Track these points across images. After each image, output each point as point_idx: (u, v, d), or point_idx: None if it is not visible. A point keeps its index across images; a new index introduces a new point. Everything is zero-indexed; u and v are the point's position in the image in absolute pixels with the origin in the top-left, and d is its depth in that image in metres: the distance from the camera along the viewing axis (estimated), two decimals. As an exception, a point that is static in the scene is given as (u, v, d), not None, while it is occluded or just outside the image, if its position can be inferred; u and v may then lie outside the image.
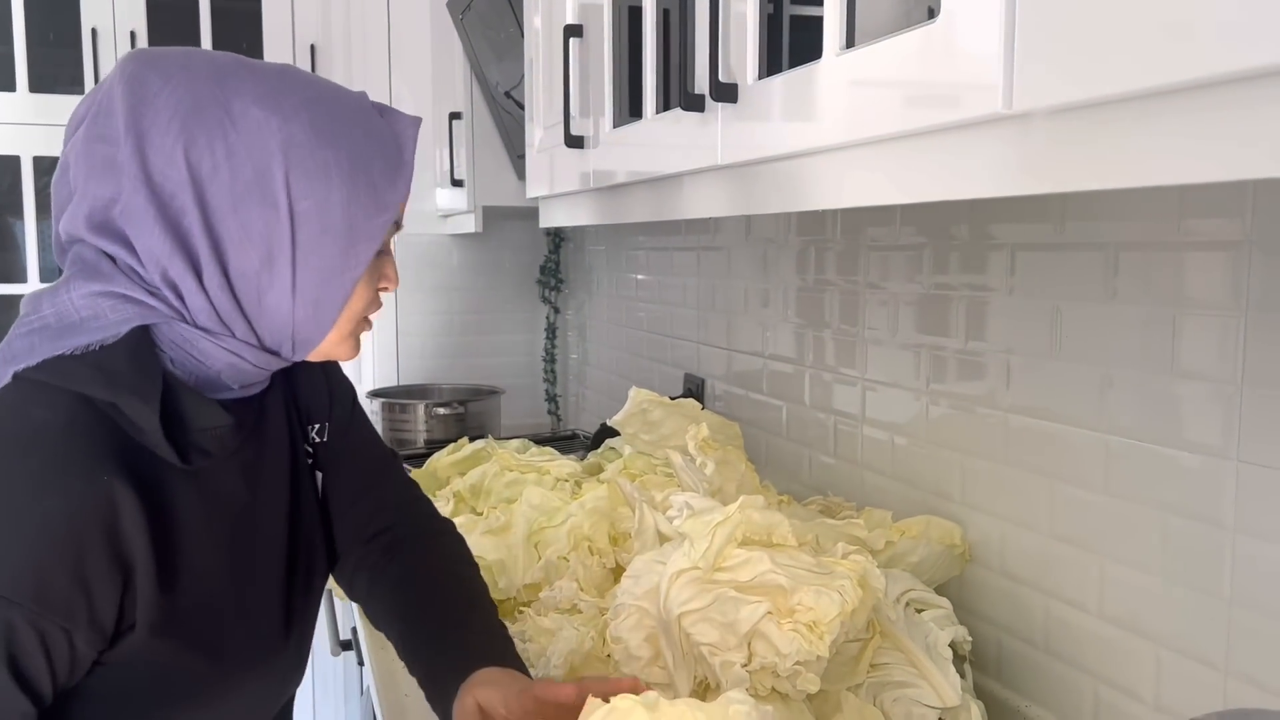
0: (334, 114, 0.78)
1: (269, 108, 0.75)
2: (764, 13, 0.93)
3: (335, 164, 0.76)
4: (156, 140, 0.73)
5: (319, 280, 0.78)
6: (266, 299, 0.77)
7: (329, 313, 0.80)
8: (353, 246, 0.78)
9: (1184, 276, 0.91)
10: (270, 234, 0.75)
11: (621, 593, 0.99)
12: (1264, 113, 0.47)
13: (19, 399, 0.75)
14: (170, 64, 0.76)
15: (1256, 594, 0.86)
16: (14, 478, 0.71)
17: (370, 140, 0.78)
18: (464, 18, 2.27)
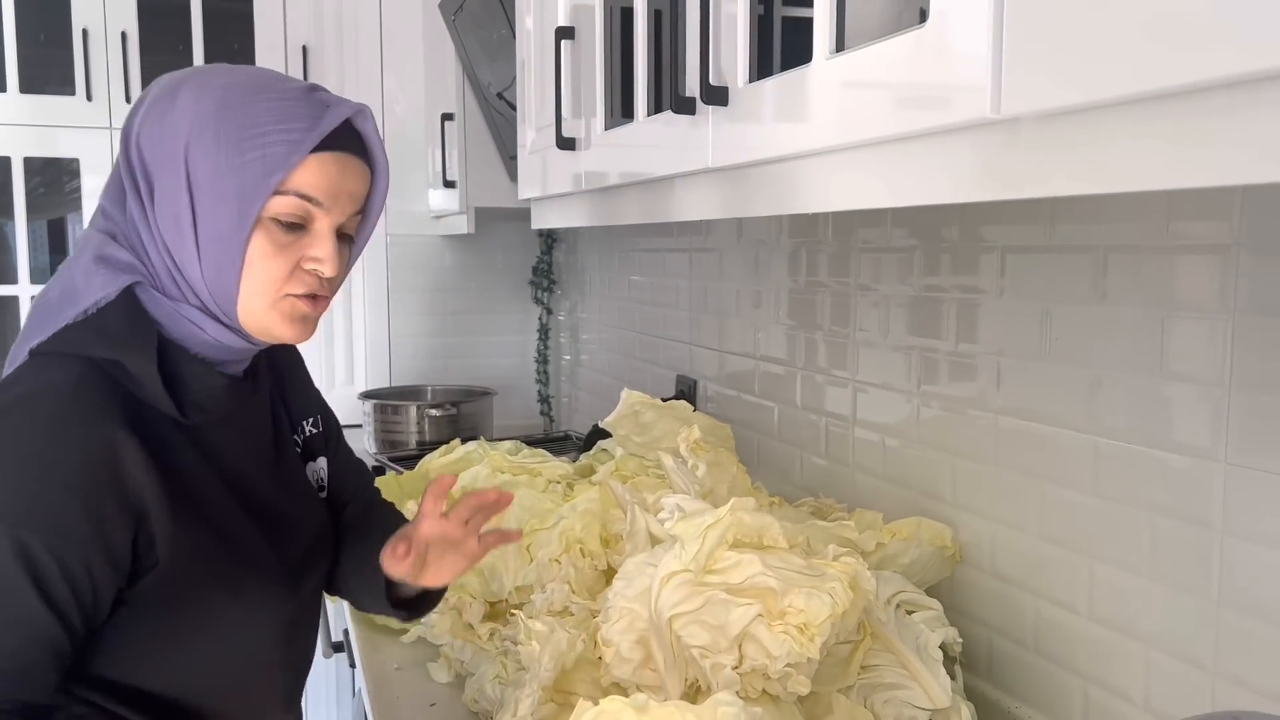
0: (245, 94, 0.84)
1: (195, 91, 0.84)
2: (754, 15, 0.93)
3: (227, 135, 0.82)
4: (134, 126, 0.86)
5: (216, 245, 0.84)
6: (184, 263, 0.85)
7: (230, 276, 0.84)
8: (242, 211, 0.83)
9: (1173, 279, 0.92)
10: (177, 201, 0.83)
11: (613, 595, 0.99)
12: (1252, 117, 0.47)
13: (34, 370, 0.83)
14: (176, 74, 0.88)
15: (1244, 595, 0.87)
16: (25, 430, 0.79)
17: (273, 116, 0.83)
18: (456, 19, 2.27)
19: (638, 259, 2.28)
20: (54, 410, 0.79)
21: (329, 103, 0.86)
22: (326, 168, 0.84)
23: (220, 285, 0.85)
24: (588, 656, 1.01)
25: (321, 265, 0.86)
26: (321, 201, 0.85)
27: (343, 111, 0.85)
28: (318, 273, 0.87)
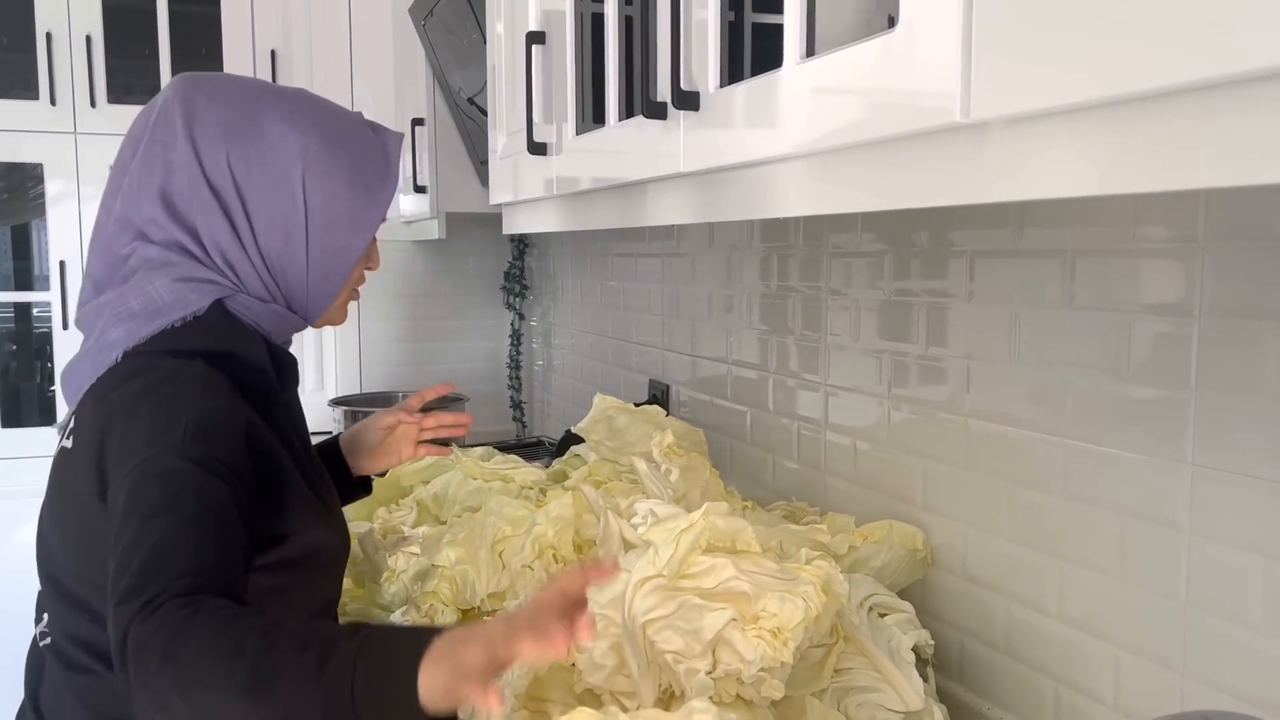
0: (340, 129, 1.01)
1: (289, 123, 0.98)
2: (725, 20, 0.94)
3: (340, 168, 0.99)
4: (206, 147, 0.96)
5: (326, 259, 1.01)
6: (289, 273, 1.01)
7: (335, 285, 1.04)
8: (354, 233, 1.01)
9: (1139, 282, 0.93)
10: (289, 222, 0.99)
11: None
12: (1211, 122, 0.47)
13: (141, 366, 0.94)
14: (212, 86, 1.00)
15: (1211, 596, 0.87)
16: (184, 389, 0.91)
17: (366, 151, 1.02)
18: (426, 23, 2.26)
19: (610, 264, 2.28)
20: (199, 378, 0.92)
21: (380, 132, 1.05)
22: (395, 191, 1.05)
23: (324, 290, 1.04)
24: (561, 663, 1.01)
25: (375, 265, 1.09)
26: (387, 217, 1.06)
27: (398, 146, 1.06)
28: (370, 270, 1.09)
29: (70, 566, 0.97)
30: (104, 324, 0.97)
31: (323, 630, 0.79)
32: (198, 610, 0.75)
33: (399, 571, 1.34)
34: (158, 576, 0.78)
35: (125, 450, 0.87)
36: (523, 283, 2.93)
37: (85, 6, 2.49)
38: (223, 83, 1.01)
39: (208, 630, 0.74)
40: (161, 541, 0.80)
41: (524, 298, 2.94)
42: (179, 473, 0.85)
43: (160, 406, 0.89)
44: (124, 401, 0.91)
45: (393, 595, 1.37)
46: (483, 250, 2.95)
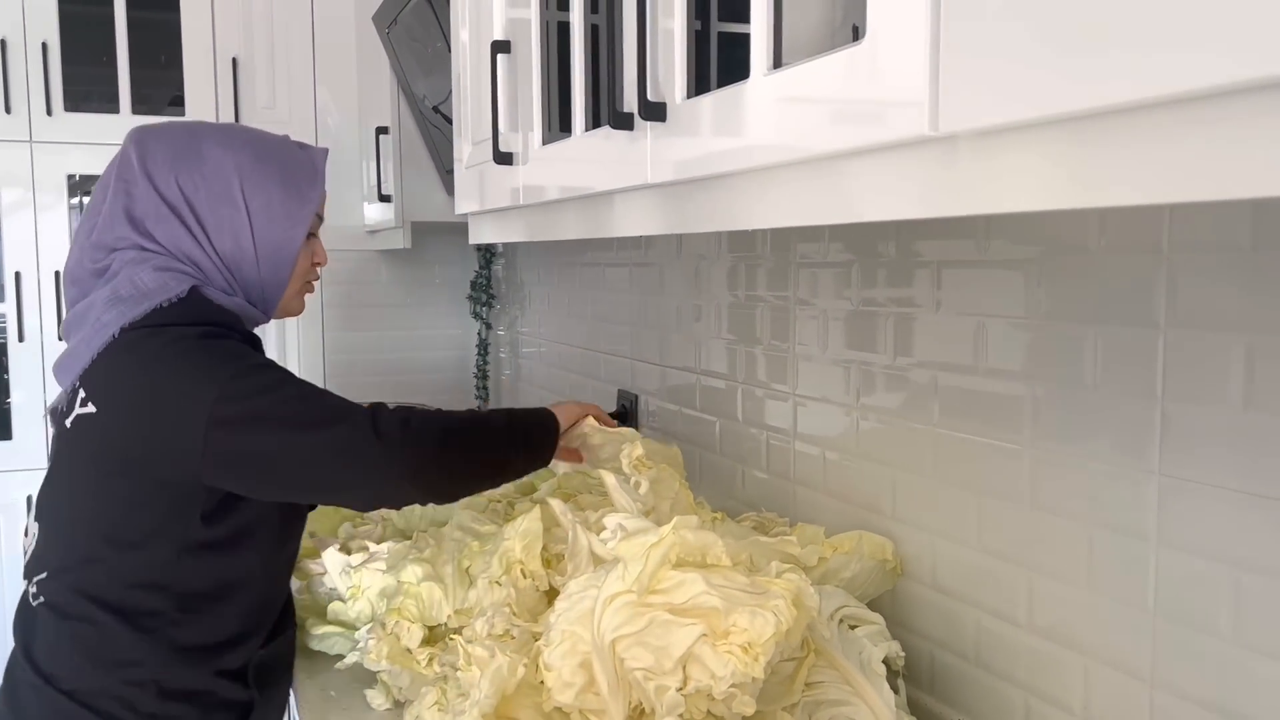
0: (267, 147, 1.21)
1: (224, 147, 1.18)
2: (692, 30, 0.93)
3: (271, 176, 1.19)
4: (158, 175, 1.15)
5: (271, 252, 1.19)
6: (243, 267, 1.18)
7: (283, 275, 1.22)
8: (291, 228, 1.20)
9: (1105, 293, 0.93)
10: (235, 224, 1.17)
11: (555, 618, 0.97)
12: (1183, 137, 0.47)
13: (151, 334, 1.10)
14: (159, 129, 1.20)
15: (1179, 606, 0.88)
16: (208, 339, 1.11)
17: (293, 162, 1.22)
18: (390, 32, 2.24)
19: (578, 273, 2.26)
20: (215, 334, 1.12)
21: (307, 148, 1.26)
22: (324, 194, 1.26)
23: (274, 281, 1.21)
24: (530, 681, 0.99)
25: (322, 259, 1.29)
26: (323, 217, 1.27)
27: (322, 155, 1.26)
28: (320, 265, 1.29)
29: (90, 523, 1.12)
30: (96, 313, 1.11)
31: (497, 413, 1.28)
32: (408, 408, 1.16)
33: (364, 589, 1.32)
34: (344, 407, 1.11)
35: (195, 383, 1.06)
36: (489, 292, 2.91)
37: (41, 13, 2.44)
38: (168, 125, 1.22)
39: (432, 420, 1.16)
40: (315, 394, 1.12)
41: (491, 307, 2.92)
42: (267, 368, 1.11)
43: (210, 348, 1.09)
44: (164, 351, 1.08)
45: (358, 613, 1.35)
46: (449, 259, 2.93)
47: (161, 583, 1.11)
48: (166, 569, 1.11)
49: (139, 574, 1.11)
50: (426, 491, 1.18)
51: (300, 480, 1.11)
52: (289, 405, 1.08)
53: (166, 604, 1.12)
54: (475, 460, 1.19)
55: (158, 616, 1.12)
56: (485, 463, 1.20)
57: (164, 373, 1.08)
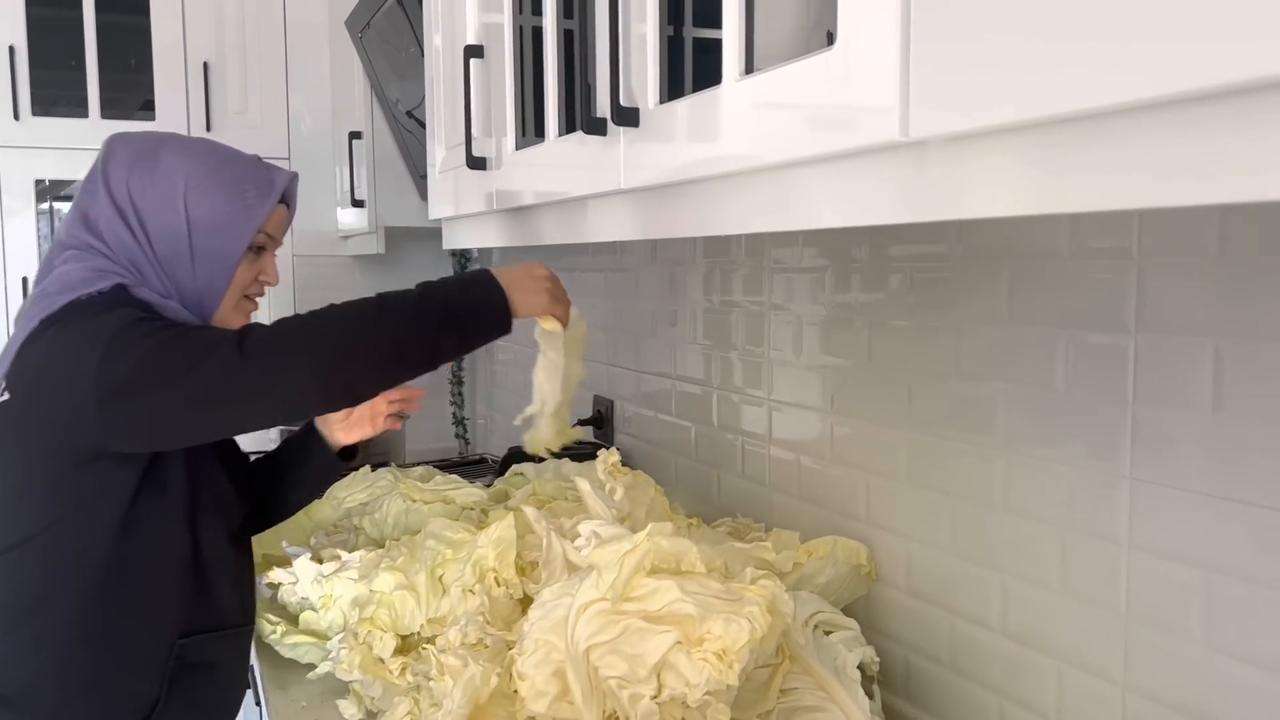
0: (225, 160, 1.21)
1: (180, 155, 1.18)
2: (664, 36, 0.93)
3: (218, 188, 1.18)
4: (113, 177, 1.17)
5: (209, 262, 1.18)
6: (179, 273, 1.18)
7: (220, 285, 1.20)
8: (231, 241, 1.18)
9: (1076, 297, 0.94)
10: (175, 230, 1.16)
11: (528, 626, 0.96)
12: (1150, 143, 0.47)
13: (56, 326, 1.09)
14: (131, 135, 1.21)
15: (1151, 609, 0.88)
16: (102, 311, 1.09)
17: (248, 178, 1.21)
18: (363, 36, 2.23)
19: (552, 279, 2.25)
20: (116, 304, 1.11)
21: (272, 170, 1.24)
22: (278, 216, 1.24)
23: (211, 291, 1.19)
24: (503, 690, 0.99)
25: (270, 279, 1.26)
26: (275, 237, 1.24)
27: (286, 178, 1.24)
28: (266, 284, 1.26)
29: (13, 507, 1.12)
30: (27, 309, 1.15)
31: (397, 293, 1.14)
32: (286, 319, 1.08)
33: (335, 598, 1.31)
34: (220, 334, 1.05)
35: (82, 345, 1.05)
36: (465, 298, 2.89)
37: (8, 16, 2.41)
38: (142, 133, 1.22)
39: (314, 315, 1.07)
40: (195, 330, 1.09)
41: (466, 313, 2.90)
42: (151, 319, 1.08)
43: (100, 316, 1.07)
44: (60, 332, 1.08)
45: (330, 622, 1.33)
46: (423, 265, 2.91)
47: (70, 566, 1.11)
48: (75, 554, 1.10)
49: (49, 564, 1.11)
50: (320, 389, 1.07)
51: (190, 421, 1.08)
52: (162, 351, 1.05)
53: (74, 585, 1.11)
54: (378, 348, 1.07)
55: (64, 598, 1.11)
56: (392, 349, 1.09)
57: (57, 343, 1.08)
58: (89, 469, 1.09)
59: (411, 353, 1.10)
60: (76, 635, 1.12)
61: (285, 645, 1.36)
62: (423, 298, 1.11)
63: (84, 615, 1.12)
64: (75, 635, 1.12)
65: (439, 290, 1.13)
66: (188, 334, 1.07)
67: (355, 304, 1.10)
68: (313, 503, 1.63)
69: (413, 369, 1.11)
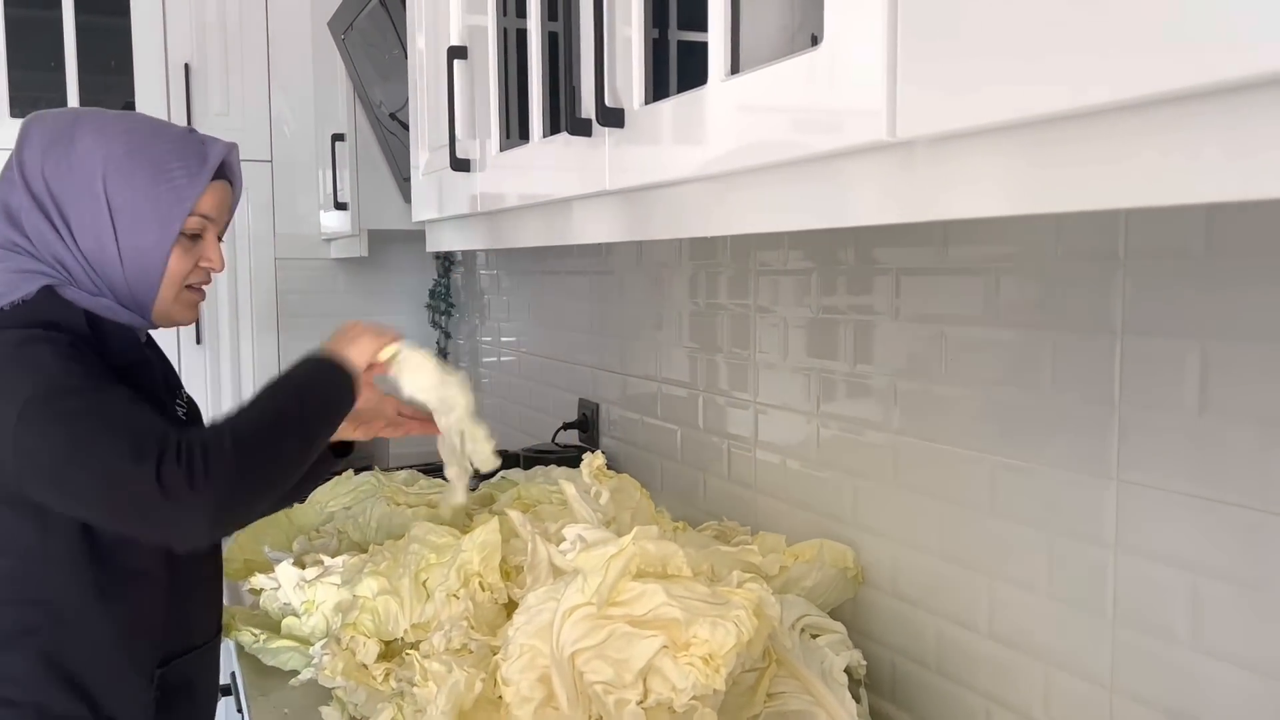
0: (149, 136, 1.10)
1: (97, 135, 1.08)
2: (649, 37, 0.92)
3: (141, 170, 1.08)
4: (29, 163, 1.08)
5: (137, 255, 1.09)
6: (107, 268, 1.08)
7: (153, 279, 1.10)
8: (160, 228, 1.09)
9: (1062, 299, 0.93)
10: (97, 221, 1.07)
11: (513, 631, 0.95)
12: (1136, 143, 0.47)
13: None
14: (48, 115, 1.11)
15: (1137, 611, 0.88)
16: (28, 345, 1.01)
17: (176, 154, 1.09)
18: (346, 37, 2.22)
19: (538, 281, 2.25)
20: (41, 335, 1.02)
21: (207, 142, 1.13)
22: (215, 193, 1.13)
23: (143, 285, 1.10)
24: (488, 696, 0.98)
25: (214, 265, 1.15)
26: (213, 218, 1.13)
27: (221, 150, 1.13)
28: (211, 269, 1.16)
29: None
30: None
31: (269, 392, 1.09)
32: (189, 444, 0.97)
33: (318, 603, 1.30)
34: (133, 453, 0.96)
35: (3, 399, 0.97)
36: (448, 301, 2.88)
37: (-14, 17, 2.39)
38: (57, 112, 1.12)
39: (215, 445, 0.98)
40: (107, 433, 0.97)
41: (450, 316, 2.89)
42: (73, 392, 0.99)
43: (22, 358, 1.00)
44: None
45: (312, 628, 1.32)
46: (407, 268, 2.90)
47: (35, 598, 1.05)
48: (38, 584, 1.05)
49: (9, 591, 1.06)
50: (231, 525, 1.09)
51: (87, 515, 1.03)
52: (76, 449, 0.97)
53: (43, 620, 1.06)
54: (276, 468, 1.06)
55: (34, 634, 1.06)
56: (287, 463, 1.07)
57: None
58: (28, 506, 1.02)
59: (290, 468, 1.08)
60: (53, 677, 1.06)
61: (267, 651, 1.34)
62: (276, 417, 1.07)
63: (59, 655, 1.06)
64: (51, 677, 1.06)
65: (282, 398, 1.09)
66: (108, 435, 0.97)
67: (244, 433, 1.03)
68: (295, 507, 1.62)
69: (296, 475, 1.10)
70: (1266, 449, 0.77)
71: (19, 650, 1.05)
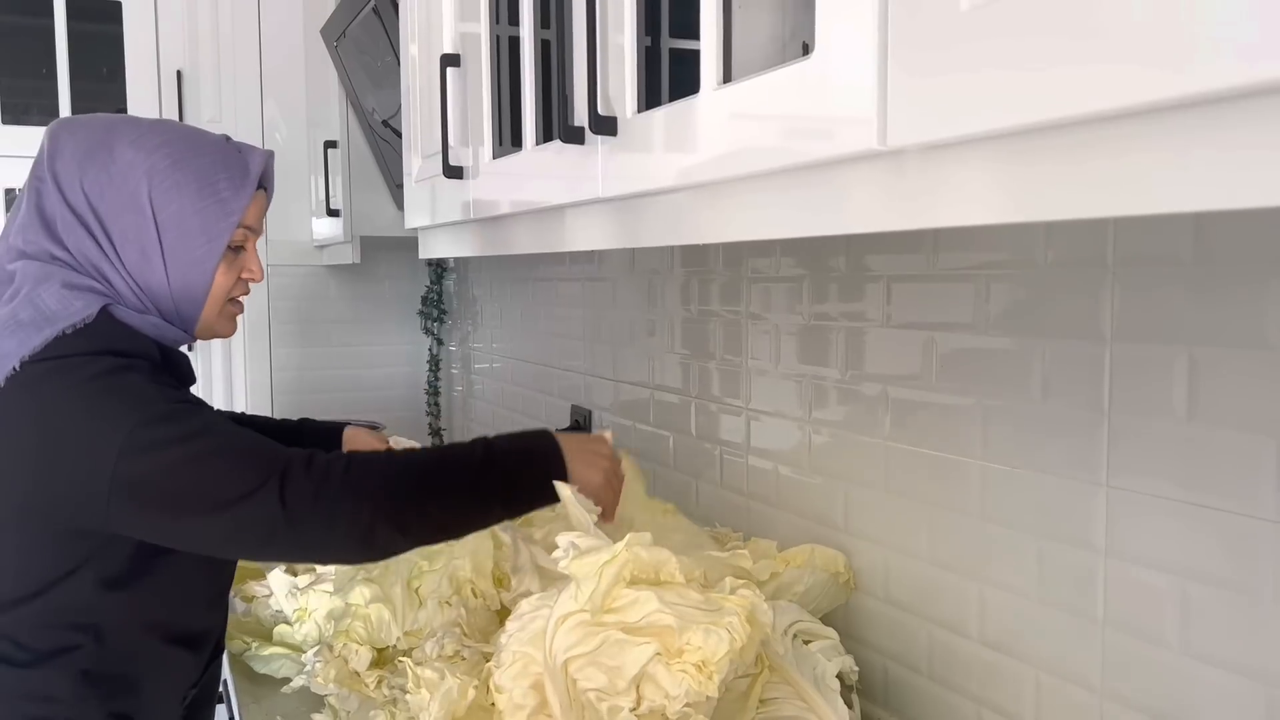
0: (188, 147, 1.07)
1: (137, 147, 1.05)
2: (642, 45, 0.93)
3: (186, 182, 1.05)
4: (65, 176, 1.05)
5: (183, 269, 1.06)
6: (152, 284, 1.06)
7: (198, 294, 1.08)
8: (207, 243, 1.06)
9: (1051, 305, 0.94)
10: (142, 235, 1.04)
11: (506, 638, 0.96)
12: (1124, 151, 0.48)
13: (42, 373, 0.98)
14: (76, 124, 1.08)
15: (1127, 616, 0.89)
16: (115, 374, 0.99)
17: (218, 165, 1.07)
18: (339, 45, 2.22)
19: (530, 288, 2.25)
20: (122, 364, 1.00)
21: (244, 150, 1.11)
22: (257, 203, 1.11)
23: (189, 300, 1.08)
24: (480, 703, 0.98)
25: (255, 275, 1.14)
26: (255, 229, 1.12)
27: (261, 159, 1.11)
28: (252, 280, 1.14)
29: None
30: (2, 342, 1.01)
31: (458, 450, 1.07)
32: (330, 463, 0.98)
33: (310, 610, 1.30)
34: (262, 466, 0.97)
35: (97, 433, 0.95)
36: (441, 307, 2.88)
37: (-23, 23, 2.38)
38: (87, 120, 1.09)
39: (365, 469, 0.99)
40: (225, 457, 0.97)
41: (442, 322, 2.89)
42: (179, 417, 0.98)
43: (117, 388, 0.98)
44: (63, 396, 0.97)
45: (305, 635, 1.32)
46: (399, 274, 2.90)
47: (80, 622, 1.03)
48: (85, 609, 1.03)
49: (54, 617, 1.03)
50: (361, 554, 1.05)
51: (205, 547, 1.02)
52: (193, 471, 0.96)
53: (85, 640, 1.03)
54: (426, 517, 1.02)
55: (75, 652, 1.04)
56: (441, 518, 1.03)
57: (64, 422, 0.97)
58: (92, 537, 1.00)
59: (455, 524, 1.05)
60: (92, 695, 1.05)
61: (260, 659, 1.34)
62: (483, 466, 1.04)
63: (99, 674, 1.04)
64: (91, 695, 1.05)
65: (499, 460, 1.05)
66: (224, 455, 0.98)
67: (412, 465, 1.03)
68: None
69: (451, 536, 1.08)
70: (1254, 454, 0.78)
71: (58, 669, 1.03)
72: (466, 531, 1.08)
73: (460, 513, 1.04)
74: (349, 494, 0.98)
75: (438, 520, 1.03)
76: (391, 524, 0.99)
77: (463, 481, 1.03)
